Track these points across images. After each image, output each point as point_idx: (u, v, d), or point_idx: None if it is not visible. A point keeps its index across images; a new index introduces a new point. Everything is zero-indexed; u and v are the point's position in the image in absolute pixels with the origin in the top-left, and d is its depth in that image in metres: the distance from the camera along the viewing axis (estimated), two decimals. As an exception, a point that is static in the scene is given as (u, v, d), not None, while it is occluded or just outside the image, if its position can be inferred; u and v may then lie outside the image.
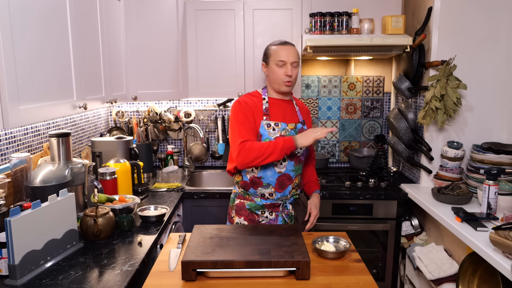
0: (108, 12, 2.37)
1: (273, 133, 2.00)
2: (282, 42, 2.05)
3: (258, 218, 2.07)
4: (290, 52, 2.00)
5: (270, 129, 2.00)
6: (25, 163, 1.79)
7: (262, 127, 2.01)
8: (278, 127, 2.01)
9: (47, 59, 1.68)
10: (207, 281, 1.45)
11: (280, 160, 1.98)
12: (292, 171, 2.04)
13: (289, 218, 2.09)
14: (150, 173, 2.98)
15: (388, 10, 2.84)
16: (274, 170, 2.01)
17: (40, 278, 1.45)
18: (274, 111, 2.05)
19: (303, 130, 2.06)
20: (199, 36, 2.88)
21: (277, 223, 2.07)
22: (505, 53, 2.48)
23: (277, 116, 2.04)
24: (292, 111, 2.10)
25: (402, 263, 2.79)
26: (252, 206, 2.06)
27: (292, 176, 2.04)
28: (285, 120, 2.05)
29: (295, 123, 2.06)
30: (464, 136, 2.57)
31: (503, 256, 1.65)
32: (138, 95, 2.78)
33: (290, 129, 2.03)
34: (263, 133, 2.00)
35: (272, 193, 2.04)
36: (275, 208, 2.07)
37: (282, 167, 2.01)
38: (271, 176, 2.01)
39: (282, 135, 1.99)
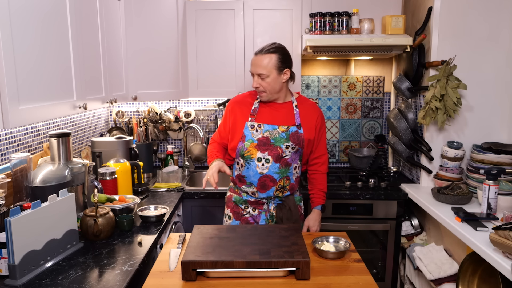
0: (108, 12, 2.37)
1: (256, 134, 2.01)
2: (256, 50, 2.01)
3: (242, 212, 2.11)
4: (257, 64, 1.96)
5: (253, 130, 2.02)
6: (25, 163, 1.79)
7: (246, 128, 2.03)
8: (260, 128, 2.02)
9: (47, 59, 1.68)
10: (207, 281, 1.45)
11: (263, 161, 2.00)
12: (277, 173, 2.02)
13: (270, 218, 2.09)
14: (150, 173, 2.98)
15: (388, 10, 2.84)
16: (256, 170, 2.01)
17: (40, 278, 1.45)
18: (262, 112, 2.05)
19: (297, 133, 2.03)
20: (199, 36, 2.88)
21: (259, 220, 2.09)
22: (505, 53, 2.48)
23: (264, 117, 2.04)
24: (288, 113, 2.07)
25: (402, 263, 2.79)
26: (237, 199, 2.12)
27: (277, 178, 2.02)
28: (274, 122, 2.03)
29: (287, 125, 2.03)
30: (464, 136, 2.57)
31: (503, 256, 1.65)
32: (138, 95, 2.78)
33: (282, 131, 2.01)
34: (246, 134, 2.02)
35: (254, 192, 2.06)
36: (258, 206, 2.09)
37: (264, 168, 2.01)
38: (253, 176, 2.02)
39: (265, 137, 2.00)
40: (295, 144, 2.02)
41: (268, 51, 1.96)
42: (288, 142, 2.01)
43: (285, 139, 2.01)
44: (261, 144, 2.00)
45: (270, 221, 2.09)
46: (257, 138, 2.01)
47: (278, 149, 2.00)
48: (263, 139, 2.00)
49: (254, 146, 2.01)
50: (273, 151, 2.00)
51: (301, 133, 2.04)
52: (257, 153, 2.00)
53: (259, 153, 2.00)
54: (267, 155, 2.00)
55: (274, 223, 2.09)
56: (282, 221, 2.07)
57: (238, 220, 2.12)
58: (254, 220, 2.10)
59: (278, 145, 2.00)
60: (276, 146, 2.00)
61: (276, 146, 2.00)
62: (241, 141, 2.03)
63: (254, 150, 2.01)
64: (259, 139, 2.00)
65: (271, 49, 1.96)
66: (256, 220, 2.10)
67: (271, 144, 2.00)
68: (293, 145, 2.02)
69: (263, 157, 2.00)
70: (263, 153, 2.00)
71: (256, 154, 2.00)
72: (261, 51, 1.98)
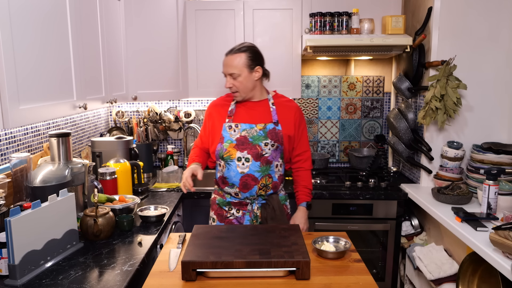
0: (108, 12, 2.37)
1: (234, 134, 2.03)
2: (227, 52, 2.04)
3: (226, 214, 2.11)
4: (228, 64, 2.00)
5: (231, 131, 2.04)
6: (25, 163, 1.79)
7: (224, 129, 2.05)
8: (238, 128, 2.03)
9: (47, 59, 1.68)
10: (207, 281, 1.45)
11: (243, 160, 2.00)
12: (258, 171, 2.01)
13: (255, 218, 2.08)
14: (150, 173, 2.98)
15: (388, 10, 2.84)
16: (237, 170, 2.01)
17: (40, 278, 1.45)
18: (239, 112, 2.08)
19: (275, 130, 2.03)
20: (199, 36, 2.88)
21: (244, 222, 2.09)
22: (505, 53, 2.48)
23: (241, 117, 2.07)
24: (264, 111, 2.08)
25: (402, 263, 2.79)
26: (220, 201, 2.12)
27: (258, 177, 2.02)
28: (251, 121, 2.04)
29: (264, 123, 2.04)
30: (464, 136, 2.57)
31: (503, 256, 1.65)
32: (138, 95, 2.78)
33: (259, 129, 2.02)
34: (224, 135, 2.04)
35: (237, 193, 2.05)
36: (242, 207, 2.09)
37: (245, 167, 2.01)
38: (234, 177, 2.02)
39: (243, 136, 2.01)
40: (274, 141, 2.03)
41: (238, 51, 2.00)
42: (267, 139, 2.01)
43: (263, 137, 2.01)
44: (239, 143, 2.01)
45: (254, 221, 2.08)
46: (235, 138, 2.02)
47: (257, 147, 2.00)
48: (241, 138, 2.02)
49: (233, 146, 2.02)
50: (252, 150, 2.00)
51: (279, 129, 2.05)
52: (237, 152, 2.01)
53: (239, 152, 2.01)
54: (246, 154, 2.00)
55: (259, 224, 2.08)
56: (267, 221, 2.05)
57: (222, 222, 2.11)
58: (238, 222, 2.09)
59: (256, 143, 2.01)
60: (255, 144, 2.01)
61: (255, 144, 2.01)
62: (220, 143, 2.05)
63: (234, 150, 2.01)
64: (237, 139, 2.02)
65: (241, 49, 2.00)
66: (240, 221, 2.09)
67: (249, 142, 2.01)
68: (272, 142, 2.02)
69: (243, 156, 2.01)
70: (242, 152, 2.01)
71: (236, 154, 2.01)
72: (231, 51, 2.02)
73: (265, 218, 2.06)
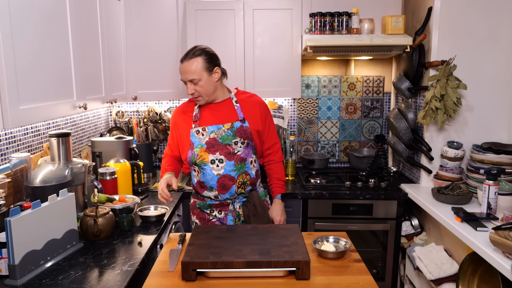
0: (108, 12, 2.37)
1: (203, 138, 2.03)
2: (182, 58, 2.00)
3: (208, 217, 2.11)
4: (185, 70, 1.97)
5: (199, 135, 2.03)
6: (25, 163, 1.79)
7: (192, 135, 2.04)
8: (205, 131, 2.03)
9: (47, 59, 1.68)
10: (207, 281, 1.45)
11: (217, 162, 2.00)
12: (233, 170, 2.02)
13: (237, 217, 2.08)
14: (150, 173, 2.98)
15: (388, 10, 2.84)
16: (213, 173, 2.01)
17: (40, 278, 1.45)
18: (204, 116, 2.07)
19: (242, 128, 2.03)
20: (199, 36, 2.87)
21: (227, 222, 2.09)
22: (505, 53, 2.48)
23: (207, 120, 2.06)
24: (229, 110, 2.07)
25: (402, 263, 2.79)
26: (201, 205, 2.13)
27: (235, 176, 2.02)
28: (218, 122, 2.04)
29: (231, 122, 2.04)
30: (464, 136, 2.57)
31: (503, 256, 1.65)
32: (138, 95, 2.78)
33: (227, 129, 2.02)
34: (194, 141, 2.04)
35: (217, 195, 2.05)
36: (223, 207, 2.09)
37: (220, 168, 2.01)
38: (211, 180, 2.02)
39: (212, 138, 2.01)
40: (243, 138, 2.03)
41: (193, 55, 1.97)
42: (236, 138, 2.02)
43: (232, 136, 2.02)
44: (210, 146, 2.01)
45: (237, 220, 2.08)
46: (205, 141, 2.02)
47: (228, 147, 2.01)
48: (210, 141, 2.01)
49: (204, 150, 2.01)
50: (224, 150, 2.00)
51: (247, 126, 2.05)
52: (209, 156, 2.01)
53: (211, 155, 2.01)
54: (219, 155, 2.00)
55: (242, 223, 2.09)
56: (249, 219, 2.06)
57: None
58: (221, 223, 2.10)
59: (227, 143, 2.01)
60: (225, 144, 2.01)
61: (225, 144, 2.01)
62: (190, 149, 2.04)
63: (205, 154, 2.01)
64: (207, 142, 2.01)
65: (196, 53, 1.97)
66: (223, 222, 2.10)
67: (219, 143, 2.01)
68: (241, 140, 2.02)
69: (216, 158, 2.01)
70: (214, 155, 2.00)
71: (208, 157, 2.01)
72: (186, 57, 1.98)
73: (247, 215, 2.07)
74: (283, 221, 2.16)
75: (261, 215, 2.07)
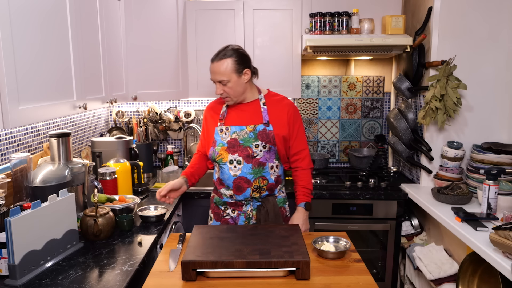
0: (108, 12, 2.37)
1: (225, 137, 2.04)
2: (212, 57, 1.98)
3: (222, 213, 2.12)
4: (215, 71, 1.96)
5: (222, 134, 2.05)
6: (25, 163, 1.79)
7: (216, 132, 2.06)
8: (228, 131, 2.03)
9: (47, 59, 1.68)
10: (207, 281, 1.45)
11: (235, 163, 2.00)
12: (250, 174, 2.00)
13: (247, 219, 2.07)
14: (150, 173, 2.98)
15: (388, 10, 2.84)
16: (230, 173, 2.02)
17: (40, 278, 1.45)
18: (230, 115, 2.08)
19: (265, 131, 2.00)
20: (199, 36, 2.88)
21: (238, 222, 2.08)
22: (505, 53, 2.48)
23: (232, 120, 2.06)
24: (255, 112, 2.05)
25: (402, 263, 2.79)
26: (217, 200, 2.14)
27: (251, 179, 2.00)
28: (242, 123, 2.03)
29: (254, 124, 2.02)
30: (464, 136, 2.57)
31: (503, 256, 1.65)
32: (138, 95, 2.78)
33: (249, 131, 2.01)
34: (216, 139, 2.05)
35: (232, 195, 2.06)
36: (237, 207, 2.09)
37: (237, 170, 2.01)
38: (228, 179, 2.03)
39: (234, 138, 2.01)
40: (265, 142, 2.00)
41: (224, 56, 1.95)
42: (257, 141, 2.00)
43: (253, 139, 2.00)
44: (230, 146, 2.01)
45: (246, 222, 2.07)
46: (226, 140, 2.02)
47: (248, 149, 1.99)
48: (231, 141, 2.01)
49: (224, 149, 2.02)
50: (243, 152, 1.99)
51: (270, 130, 2.01)
52: (228, 155, 2.01)
53: (230, 155, 2.01)
54: (237, 156, 2.00)
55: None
56: (260, 224, 2.03)
57: (219, 221, 2.12)
58: (233, 222, 2.10)
59: (247, 145, 2.00)
60: (246, 146, 1.99)
61: (246, 146, 1.99)
62: (212, 146, 2.06)
63: (225, 153, 2.01)
64: (228, 142, 2.02)
65: (226, 54, 1.95)
66: (235, 221, 2.10)
67: (240, 145, 2.00)
68: (263, 143, 2.00)
69: (234, 159, 2.00)
70: (233, 155, 2.00)
71: (228, 157, 2.01)
72: (216, 57, 1.96)
73: (259, 220, 2.05)
74: (305, 230, 2.08)
75: (272, 222, 2.02)
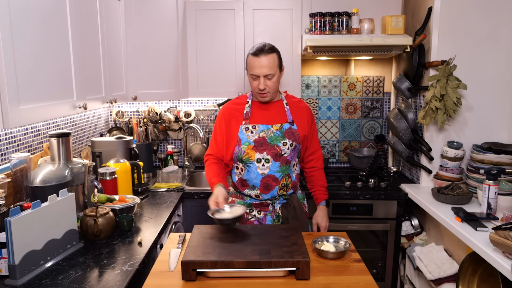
0: (108, 12, 2.37)
1: (252, 135, 2.01)
2: (256, 52, 1.95)
3: (247, 216, 2.08)
4: (263, 64, 1.93)
5: (248, 132, 2.02)
6: (25, 163, 1.79)
7: (241, 131, 2.02)
8: (255, 129, 2.02)
9: (47, 59, 1.68)
10: (207, 281, 1.45)
11: (263, 161, 1.99)
12: (278, 172, 2.01)
13: (276, 218, 2.07)
14: (150, 173, 2.98)
15: (388, 10, 2.84)
16: (257, 172, 2.00)
17: (40, 278, 1.45)
18: (255, 114, 2.06)
19: (291, 130, 2.03)
20: (199, 36, 2.88)
21: (266, 222, 2.07)
22: (505, 53, 2.48)
23: (258, 118, 2.05)
24: (279, 111, 2.08)
25: (402, 263, 2.79)
26: (241, 203, 2.07)
27: (278, 177, 2.02)
28: (267, 122, 2.04)
29: (280, 123, 2.04)
30: (464, 136, 2.57)
31: (503, 256, 1.65)
32: (138, 95, 2.78)
33: (276, 130, 2.02)
34: (242, 137, 2.02)
35: (258, 195, 2.04)
36: (263, 208, 2.07)
37: (265, 168, 2.00)
38: (255, 178, 2.01)
39: (262, 137, 2.00)
40: (292, 140, 2.03)
41: (270, 50, 1.96)
42: (285, 139, 2.01)
43: (281, 137, 2.01)
44: (258, 145, 2.00)
45: (276, 221, 2.07)
46: (253, 139, 2.01)
47: (276, 148, 2.00)
48: (259, 139, 2.00)
49: (251, 148, 2.00)
50: (271, 150, 2.00)
51: (295, 129, 2.05)
52: (256, 154, 2.00)
53: (258, 154, 1.99)
54: (266, 154, 1.99)
55: (281, 223, 2.07)
56: (288, 221, 2.06)
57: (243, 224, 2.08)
58: (259, 223, 2.08)
59: (275, 144, 2.00)
60: (273, 145, 2.00)
61: (273, 145, 2.00)
62: (237, 145, 2.02)
63: (252, 152, 2.00)
64: (256, 140, 2.00)
65: (272, 48, 1.98)
66: (261, 222, 2.07)
67: (268, 143, 2.00)
68: (290, 141, 2.02)
69: (263, 158, 2.00)
70: (261, 154, 1.99)
71: (255, 156, 2.00)
72: (262, 51, 1.94)
73: (286, 217, 2.07)
74: (327, 227, 2.17)
75: (300, 217, 2.07)
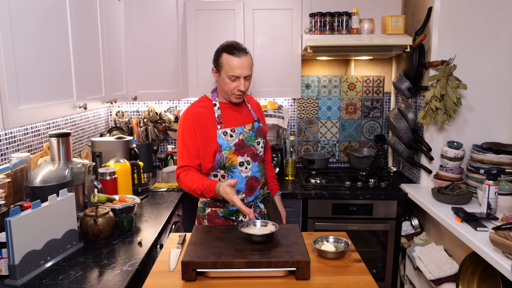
0: (108, 12, 2.37)
1: (232, 139, 1.93)
2: (235, 51, 1.84)
3: (234, 223, 2.00)
4: (244, 65, 1.85)
5: (227, 137, 1.93)
6: (25, 163, 1.79)
7: (219, 137, 1.91)
8: (234, 133, 1.94)
9: (47, 59, 1.68)
10: (207, 281, 1.45)
11: (245, 164, 1.96)
12: (258, 172, 2.01)
13: (262, 217, 2.06)
14: (150, 173, 2.97)
15: (388, 10, 2.84)
16: (241, 176, 1.95)
17: (40, 278, 1.45)
18: (227, 117, 1.97)
19: (260, 128, 2.03)
20: (199, 36, 2.88)
21: None
22: (505, 53, 2.48)
23: (232, 121, 1.97)
24: (246, 111, 2.05)
25: (402, 263, 2.79)
26: (226, 212, 1.99)
27: (259, 177, 2.01)
28: (240, 123, 1.99)
29: (251, 123, 2.02)
30: (464, 136, 2.57)
31: (503, 256, 1.65)
32: (138, 95, 2.78)
33: (249, 130, 1.99)
34: (222, 143, 1.91)
35: (243, 199, 1.98)
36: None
37: (248, 170, 1.97)
38: (240, 183, 1.94)
39: (241, 139, 1.94)
40: (263, 138, 2.04)
41: (247, 51, 1.89)
42: (258, 138, 2.01)
43: (254, 137, 2.00)
44: (239, 148, 1.94)
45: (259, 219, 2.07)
46: (234, 143, 1.94)
47: (252, 148, 1.98)
48: (239, 142, 1.95)
49: (232, 153, 1.93)
50: (249, 152, 1.98)
51: (261, 126, 2.06)
52: (238, 158, 1.94)
53: (240, 157, 1.94)
54: (246, 157, 1.97)
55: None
56: (270, 217, 2.09)
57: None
58: None
59: (251, 144, 1.98)
60: (250, 145, 1.98)
61: (250, 145, 1.98)
62: (219, 152, 1.91)
63: (234, 156, 1.93)
64: (236, 144, 1.94)
65: (246, 49, 1.90)
66: None
67: (246, 145, 1.97)
68: (262, 140, 2.03)
69: (244, 160, 1.96)
70: (243, 157, 1.95)
71: (237, 160, 1.94)
72: (243, 51, 1.86)
73: (268, 214, 2.09)
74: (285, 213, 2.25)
75: (278, 212, 2.13)
